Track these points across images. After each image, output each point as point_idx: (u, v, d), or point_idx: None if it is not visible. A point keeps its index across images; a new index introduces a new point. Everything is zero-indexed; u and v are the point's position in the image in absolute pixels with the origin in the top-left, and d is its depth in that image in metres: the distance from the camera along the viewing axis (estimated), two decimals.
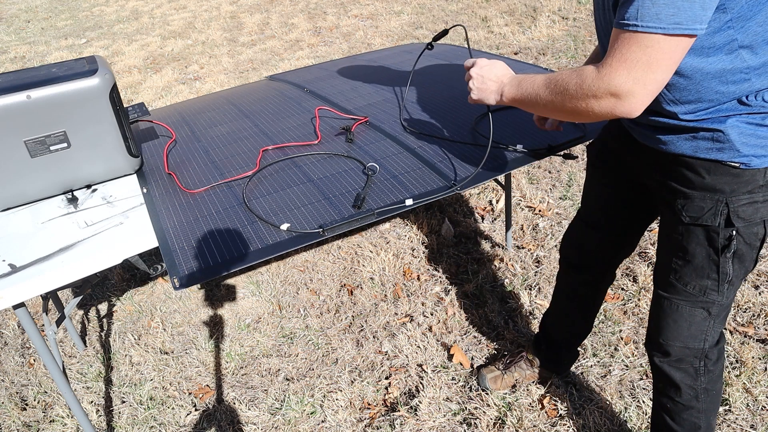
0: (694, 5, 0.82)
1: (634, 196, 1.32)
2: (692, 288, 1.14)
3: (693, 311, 1.16)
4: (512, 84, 1.16)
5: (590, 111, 0.97)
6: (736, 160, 1.00)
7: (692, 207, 1.07)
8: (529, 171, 3.03)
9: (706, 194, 1.05)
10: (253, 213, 1.36)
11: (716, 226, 1.05)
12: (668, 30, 0.84)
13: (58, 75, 1.34)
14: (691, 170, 1.05)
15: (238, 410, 1.90)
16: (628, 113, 0.93)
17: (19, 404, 2.02)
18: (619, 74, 0.90)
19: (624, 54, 0.88)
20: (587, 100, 0.96)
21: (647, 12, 0.84)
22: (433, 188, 1.40)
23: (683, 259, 1.13)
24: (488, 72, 1.21)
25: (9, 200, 1.42)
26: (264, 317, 2.30)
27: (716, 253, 1.08)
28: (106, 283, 2.57)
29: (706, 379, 1.24)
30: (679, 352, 1.21)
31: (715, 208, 1.04)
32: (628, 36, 0.87)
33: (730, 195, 1.02)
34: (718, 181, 1.03)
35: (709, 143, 1.01)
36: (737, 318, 2.01)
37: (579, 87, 0.97)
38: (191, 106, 2.18)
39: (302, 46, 5.49)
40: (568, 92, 0.99)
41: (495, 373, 1.85)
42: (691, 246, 1.10)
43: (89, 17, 7.62)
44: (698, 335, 1.18)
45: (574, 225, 1.51)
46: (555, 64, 4.19)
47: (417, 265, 2.46)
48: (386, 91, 2.03)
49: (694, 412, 1.29)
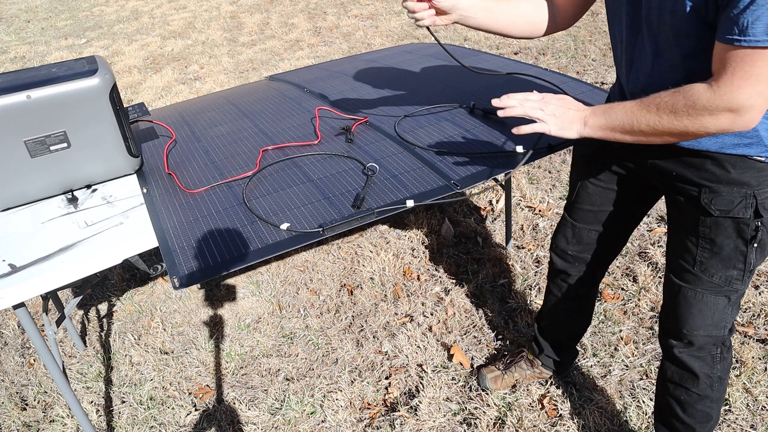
0: None
1: (629, 193, 1.34)
2: (718, 278, 1.15)
3: (717, 300, 1.18)
4: (597, 113, 1.12)
5: (703, 129, 0.97)
6: (763, 155, 1.03)
7: (721, 200, 1.09)
8: (529, 171, 3.03)
9: (733, 188, 1.07)
10: (253, 213, 1.36)
11: (747, 218, 1.08)
12: None
13: (58, 75, 1.34)
14: (717, 165, 1.07)
15: (238, 410, 1.90)
16: (746, 127, 0.95)
17: (19, 404, 2.02)
18: (743, 90, 0.90)
19: (748, 71, 0.88)
20: (701, 118, 0.96)
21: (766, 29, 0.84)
22: (433, 188, 1.40)
23: (710, 251, 1.14)
24: (564, 105, 1.16)
25: (9, 200, 1.42)
26: (264, 317, 2.30)
27: (744, 244, 1.10)
28: (106, 283, 2.57)
29: (721, 366, 1.27)
30: (702, 341, 1.23)
31: (745, 201, 1.07)
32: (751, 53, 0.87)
33: (757, 188, 1.05)
34: (744, 175, 1.05)
35: (735, 139, 1.03)
36: (737, 318, 2.01)
37: (691, 106, 0.96)
38: (191, 106, 2.18)
39: (302, 46, 5.49)
40: (677, 112, 0.98)
41: (495, 373, 1.85)
42: (720, 238, 1.12)
43: (89, 17, 7.62)
44: (720, 323, 1.20)
45: (564, 222, 1.51)
46: (555, 64, 4.19)
47: (417, 265, 2.46)
48: (386, 91, 2.03)
49: (708, 402, 1.30)
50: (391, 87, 2.07)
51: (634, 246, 2.39)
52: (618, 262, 2.32)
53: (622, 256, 2.35)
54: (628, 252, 2.37)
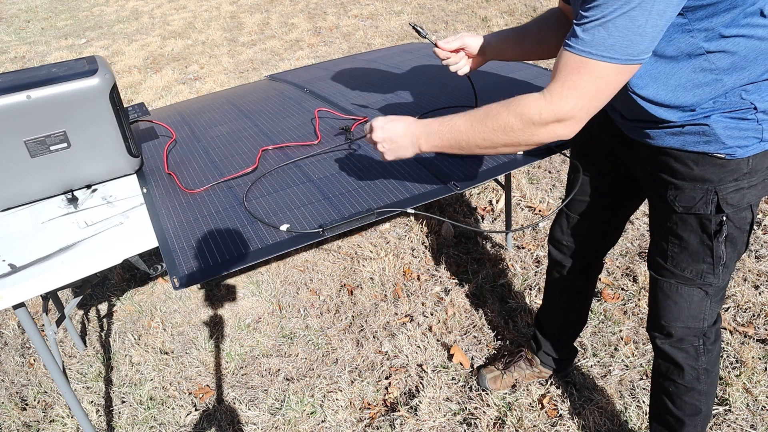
0: (645, 39, 0.87)
1: (622, 185, 1.37)
2: (689, 272, 1.19)
3: (691, 291, 1.21)
4: (428, 134, 1.14)
5: (532, 141, 1.01)
6: (722, 152, 1.05)
7: (684, 197, 1.12)
8: (529, 171, 3.03)
9: (696, 184, 1.10)
10: (252, 215, 1.36)
11: (708, 213, 1.11)
12: (621, 61, 0.89)
13: (58, 75, 1.34)
14: (680, 162, 1.10)
15: (238, 410, 1.90)
16: (566, 136, 0.99)
17: (19, 404, 2.02)
18: (569, 101, 0.94)
19: (575, 81, 0.92)
20: (532, 131, 0.99)
21: (603, 42, 0.87)
22: (433, 188, 1.40)
23: (679, 246, 1.18)
24: (392, 131, 1.18)
25: (9, 200, 1.42)
26: (264, 317, 2.30)
27: (709, 239, 1.13)
28: (106, 283, 2.57)
29: (706, 359, 1.29)
30: (681, 332, 1.26)
31: (706, 197, 1.10)
32: (579, 61, 0.90)
33: (718, 184, 1.08)
34: (706, 172, 1.08)
35: (695, 137, 1.06)
36: (737, 318, 2.01)
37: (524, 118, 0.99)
38: (191, 106, 2.18)
39: (302, 46, 5.49)
40: (510, 127, 1.01)
41: (495, 373, 1.85)
42: (686, 233, 1.16)
43: (89, 17, 7.62)
44: (698, 315, 1.23)
45: (560, 213, 1.53)
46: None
47: (417, 265, 2.46)
48: (386, 91, 2.03)
49: (696, 394, 1.32)
50: (392, 87, 2.07)
51: (634, 246, 2.39)
52: (618, 262, 2.32)
53: (622, 256, 2.35)
54: (628, 252, 2.37)
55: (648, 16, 0.84)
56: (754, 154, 1.05)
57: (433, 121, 1.14)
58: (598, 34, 0.87)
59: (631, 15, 0.84)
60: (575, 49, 0.90)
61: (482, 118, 1.05)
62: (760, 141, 1.04)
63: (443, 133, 1.11)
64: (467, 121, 1.08)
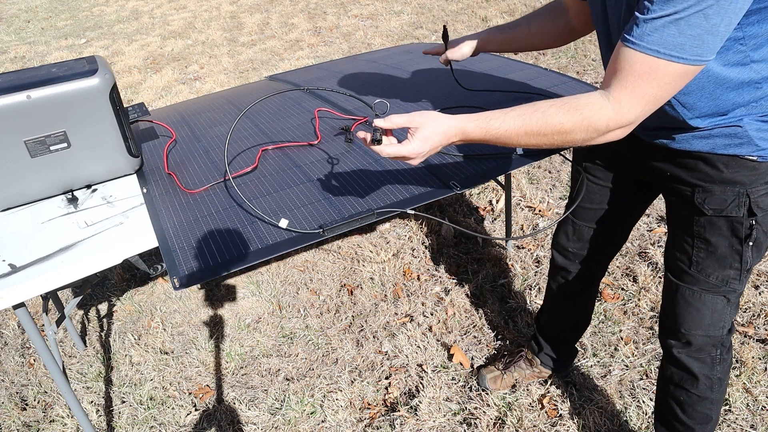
0: (716, 39, 0.82)
1: (629, 191, 1.35)
2: (715, 278, 1.15)
3: (715, 299, 1.17)
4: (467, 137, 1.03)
5: (588, 143, 0.97)
6: (754, 155, 1.03)
7: (714, 200, 1.09)
8: (529, 171, 3.03)
9: (726, 187, 1.07)
10: (250, 214, 1.36)
11: (741, 216, 1.08)
12: (690, 62, 0.84)
13: (58, 75, 1.34)
14: (709, 164, 1.07)
15: (238, 410, 1.90)
16: (621, 136, 0.97)
17: (19, 404, 2.02)
18: (637, 109, 0.91)
19: (644, 89, 0.88)
20: (594, 136, 0.95)
21: (672, 40, 0.82)
22: (433, 189, 1.40)
23: (705, 251, 1.14)
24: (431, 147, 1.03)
25: (9, 200, 1.42)
26: (264, 317, 2.30)
27: (739, 243, 1.10)
28: (106, 283, 2.57)
29: (721, 368, 1.26)
30: (701, 341, 1.22)
31: (738, 200, 1.07)
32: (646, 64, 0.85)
33: (750, 186, 1.05)
34: (737, 174, 1.05)
35: (726, 140, 1.03)
36: (737, 318, 2.01)
37: (591, 126, 0.94)
38: (191, 106, 2.18)
39: (302, 46, 5.49)
40: (571, 132, 0.95)
41: (494, 373, 1.85)
42: (714, 237, 1.12)
43: (89, 17, 7.62)
44: (718, 323, 1.20)
45: (565, 219, 1.52)
46: (555, 64, 4.18)
47: (417, 265, 2.46)
48: (386, 91, 2.03)
49: (708, 403, 1.30)
50: (391, 87, 2.07)
51: (634, 246, 2.39)
52: (618, 262, 2.32)
53: (622, 256, 2.35)
54: (628, 252, 2.37)
55: (724, 14, 0.79)
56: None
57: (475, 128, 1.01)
58: (668, 31, 0.82)
59: (707, 13, 0.79)
60: (640, 46, 0.85)
61: (540, 125, 0.97)
62: None
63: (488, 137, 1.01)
64: (520, 127, 0.98)
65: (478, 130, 1.01)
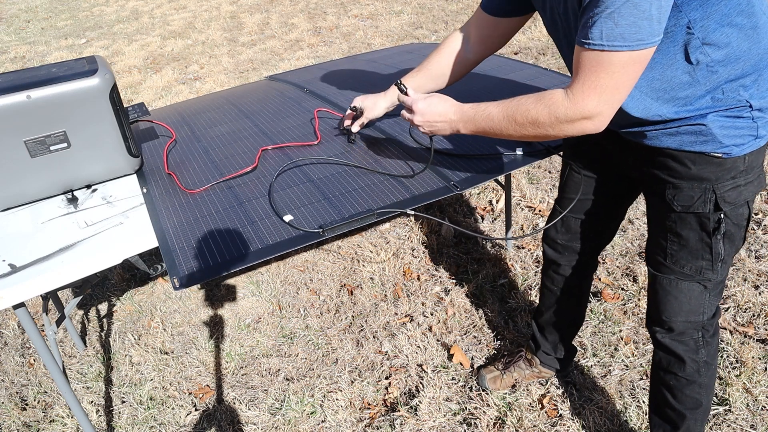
0: (652, 23, 0.90)
1: (615, 185, 1.39)
2: (689, 269, 1.21)
3: (691, 286, 1.23)
4: (465, 121, 1.22)
5: (562, 134, 1.07)
6: (719, 151, 1.08)
7: (682, 196, 1.15)
8: (529, 171, 3.03)
9: (693, 183, 1.12)
10: (255, 208, 1.36)
11: (707, 212, 1.14)
12: (632, 47, 0.92)
13: (58, 75, 1.34)
14: (678, 162, 1.13)
15: (238, 410, 1.90)
16: (596, 130, 1.04)
17: (19, 404, 2.02)
18: (592, 99, 0.99)
19: (594, 80, 0.97)
20: (561, 126, 1.06)
21: (611, 32, 0.91)
22: (433, 189, 1.40)
23: (678, 244, 1.20)
24: (431, 114, 1.26)
25: (9, 200, 1.42)
26: (264, 317, 2.30)
27: (708, 236, 1.16)
28: (106, 283, 2.57)
29: (706, 351, 1.31)
30: (682, 326, 1.28)
31: (704, 196, 1.12)
32: (594, 57, 0.95)
33: (715, 182, 1.11)
34: (703, 171, 1.11)
35: (692, 137, 1.09)
36: (737, 318, 2.01)
37: (552, 116, 1.05)
38: (191, 106, 2.18)
39: (302, 46, 5.49)
40: (539, 123, 1.07)
41: (494, 373, 1.85)
42: (684, 231, 1.18)
43: (89, 17, 7.62)
44: (697, 309, 1.25)
45: (554, 211, 1.55)
46: (555, 63, 4.19)
47: (417, 265, 2.46)
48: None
49: (696, 387, 1.34)
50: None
51: (634, 246, 2.39)
52: (618, 262, 2.32)
53: (622, 256, 2.35)
54: (628, 252, 2.37)
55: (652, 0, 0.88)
56: (750, 152, 1.07)
57: (469, 109, 1.21)
58: (606, 25, 0.91)
59: (634, 2, 0.88)
60: (588, 44, 0.95)
61: (514, 111, 1.11)
62: (756, 138, 1.06)
63: (478, 122, 1.19)
64: (500, 112, 1.14)
65: (470, 109, 1.20)
